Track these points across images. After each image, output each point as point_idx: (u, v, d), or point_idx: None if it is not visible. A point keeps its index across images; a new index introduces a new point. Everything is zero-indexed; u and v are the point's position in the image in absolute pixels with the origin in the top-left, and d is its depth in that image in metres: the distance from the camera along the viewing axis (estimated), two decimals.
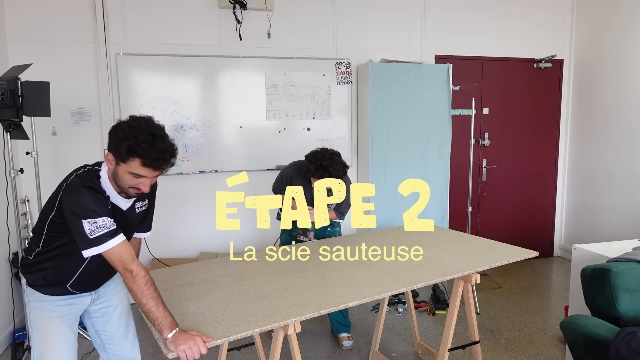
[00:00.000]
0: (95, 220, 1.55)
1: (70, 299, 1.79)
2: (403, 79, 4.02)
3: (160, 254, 3.86)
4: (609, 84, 4.45)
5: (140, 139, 1.54)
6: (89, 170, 1.68)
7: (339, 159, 2.68)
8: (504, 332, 3.33)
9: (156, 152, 1.56)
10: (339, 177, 2.65)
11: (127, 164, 1.58)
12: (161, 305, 1.56)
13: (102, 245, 1.56)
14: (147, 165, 1.57)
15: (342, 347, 3.10)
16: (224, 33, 3.90)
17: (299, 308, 1.75)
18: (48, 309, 1.74)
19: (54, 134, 3.61)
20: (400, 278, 2.05)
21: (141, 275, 1.57)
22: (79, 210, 1.55)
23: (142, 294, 1.55)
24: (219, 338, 1.53)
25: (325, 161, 2.62)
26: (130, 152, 1.55)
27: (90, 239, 1.55)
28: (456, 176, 4.61)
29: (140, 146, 1.54)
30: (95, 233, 1.55)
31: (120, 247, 1.59)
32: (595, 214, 4.68)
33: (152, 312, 1.54)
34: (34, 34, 3.51)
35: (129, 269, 1.57)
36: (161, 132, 1.60)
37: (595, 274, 2.23)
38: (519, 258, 2.33)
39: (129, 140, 1.54)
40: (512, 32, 4.69)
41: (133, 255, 1.62)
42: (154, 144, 1.55)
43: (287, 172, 2.96)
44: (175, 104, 3.79)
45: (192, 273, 2.18)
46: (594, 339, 2.02)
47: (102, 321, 1.93)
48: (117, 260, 1.58)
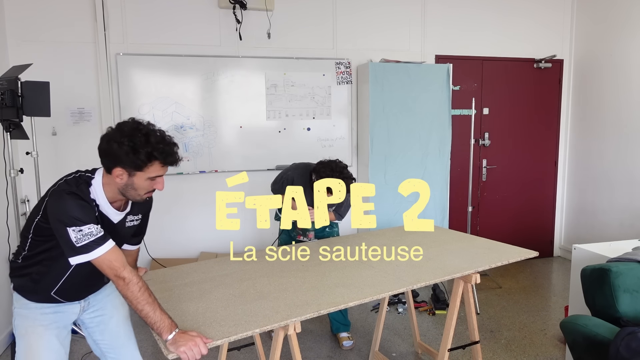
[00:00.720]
0: (81, 228, 1.51)
1: (56, 307, 1.73)
2: (403, 79, 4.02)
3: (160, 254, 3.86)
4: (609, 84, 4.45)
5: (153, 141, 1.53)
6: (80, 176, 1.62)
7: (347, 172, 2.66)
8: (504, 332, 3.33)
9: (170, 148, 1.58)
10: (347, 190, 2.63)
11: (145, 171, 1.56)
12: (158, 308, 1.53)
13: (90, 253, 1.52)
14: (168, 163, 1.58)
15: (342, 347, 3.10)
16: (224, 33, 3.90)
17: (299, 308, 1.75)
18: (32, 317, 1.69)
19: (54, 134, 3.61)
20: (400, 278, 2.05)
21: (134, 281, 1.54)
22: (63, 218, 1.50)
23: (137, 301, 1.53)
24: (219, 338, 1.53)
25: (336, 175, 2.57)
26: (150, 158, 1.54)
27: (77, 247, 1.51)
28: (456, 176, 4.61)
29: (157, 148, 1.54)
30: (82, 241, 1.51)
31: (109, 255, 1.55)
32: (595, 214, 4.68)
33: (150, 317, 1.52)
34: (34, 33, 3.51)
35: (120, 276, 1.54)
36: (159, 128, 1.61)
37: (595, 274, 2.23)
38: (519, 258, 2.33)
39: (145, 147, 1.52)
40: (512, 32, 4.69)
41: (124, 261, 1.57)
42: (166, 141, 1.57)
43: (288, 174, 2.93)
44: (175, 104, 3.79)
45: (192, 273, 2.18)
46: (594, 339, 2.02)
47: (99, 330, 1.89)
48: (108, 268, 1.55)
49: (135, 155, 1.52)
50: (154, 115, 3.73)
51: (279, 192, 2.91)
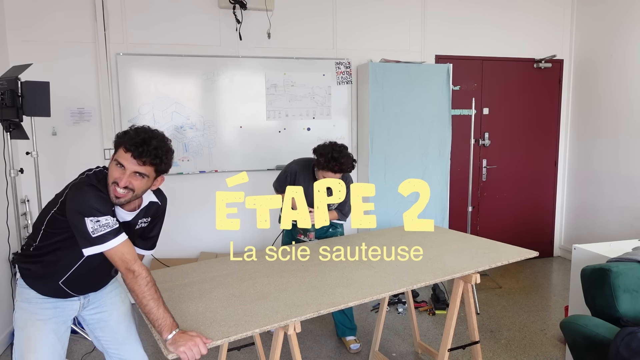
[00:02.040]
0: (99, 218, 1.55)
1: (56, 302, 1.77)
2: (403, 79, 4.02)
3: (160, 254, 3.86)
4: (609, 84, 4.45)
5: (132, 132, 1.63)
6: (100, 171, 1.69)
7: (348, 152, 2.68)
8: (504, 332, 3.33)
9: (138, 139, 1.60)
10: (349, 169, 2.65)
11: (115, 156, 1.63)
12: (162, 306, 1.56)
13: (105, 244, 1.57)
14: (127, 149, 1.60)
15: (350, 351, 3.07)
16: (224, 33, 3.90)
17: (299, 308, 1.75)
18: (33, 311, 1.72)
19: (54, 134, 3.62)
20: (400, 278, 2.05)
21: (143, 275, 1.58)
22: (82, 208, 1.55)
23: (142, 295, 1.56)
24: (219, 339, 1.53)
25: (336, 153, 2.61)
26: (120, 140, 1.62)
27: (93, 237, 1.55)
28: (456, 176, 4.60)
29: (129, 135, 1.61)
30: (98, 232, 1.55)
31: (122, 247, 1.59)
32: (595, 214, 4.68)
33: (153, 313, 1.54)
34: (34, 33, 3.51)
35: (130, 269, 1.58)
36: (151, 130, 1.65)
37: (595, 274, 2.23)
38: (519, 258, 2.33)
39: (127, 133, 1.64)
40: (512, 32, 4.69)
41: (135, 255, 1.62)
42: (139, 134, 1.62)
43: (292, 167, 2.92)
44: (175, 104, 3.79)
45: (192, 273, 2.18)
46: (594, 339, 2.02)
47: (99, 327, 1.91)
48: (119, 260, 1.59)
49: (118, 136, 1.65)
50: (154, 115, 3.73)
51: (283, 189, 2.90)
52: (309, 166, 2.87)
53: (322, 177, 2.65)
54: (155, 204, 1.87)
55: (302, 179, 2.83)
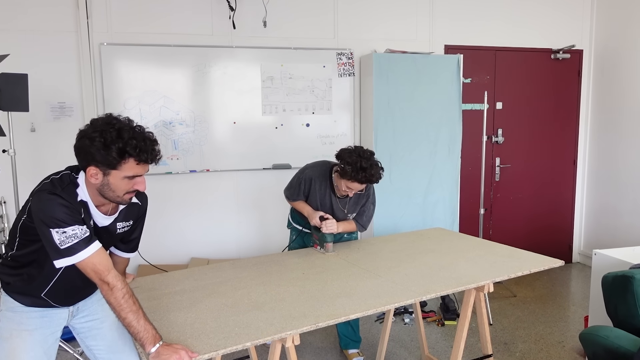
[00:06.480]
0: (65, 229, 1.53)
1: (43, 311, 1.76)
2: (410, 71, 4.01)
3: (148, 260, 3.85)
4: (632, 76, 4.44)
5: (125, 136, 1.52)
6: (67, 175, 1.63)
7: (375, 160, 2.59)
8: (518, 344, 3.33)
9: (146, 144, 1.56)
10: (378, 180, 2.57)
11: (119, 170, 1.55)
12: (142, 318, 1.56)
13: (74, 255, 1.55)
14: (142, 160, 1.56)
15: None
16: (216, 21, 3.89)
17: (295, 320, 1.74)
18: (18, 320, 1.72)
19: (32, 130, 3.61)
20: (408, 288, 2.05)
21: (118, 287, 1.57)
22: (46, 219, 1.52)
23: (120, 308, 1.56)
24: (206, 352, 1.53)
25: (365, 162, 2.50)
26: (122, 155, 1.52)
27: (61, 249, 1.53)
28: (467, 176, 4.60)
29: (129, 143, 1.52)
30: (66, 243, 1.53)
31: (94, 258, 1.57)
32: (618, 216, 4.67)
33: (133, 326, 1.54)
34: (11, 22, 3.50)
35: (105, 281, 1.57)
36: (134, 123, 1.59)
37: (618, 281, 2.23)
38: (542, 267, 2.30)
39: (116, 143, 1.50)
40: (527, 21, 4.68)
41: (109, 265, 1.59)
42: (141, 137, 1.55)
43: (306, 173, 2.83)
44: (163, 97, 3.79)
45: (182, 281, 2.17)
46: (616, 352, 2.01)
47: (91, 335, 1.91)
48: (92, 271, 1.57)
49: (106, 151, 1.50)
50: (140, 110, 3.72)
51: (296, 197, 2.85)
52: (325, 172, 2.80)
53: (345, 186, 2.60)
54: (135, 205, 1.84)
55: (317, 187, 2.78)
